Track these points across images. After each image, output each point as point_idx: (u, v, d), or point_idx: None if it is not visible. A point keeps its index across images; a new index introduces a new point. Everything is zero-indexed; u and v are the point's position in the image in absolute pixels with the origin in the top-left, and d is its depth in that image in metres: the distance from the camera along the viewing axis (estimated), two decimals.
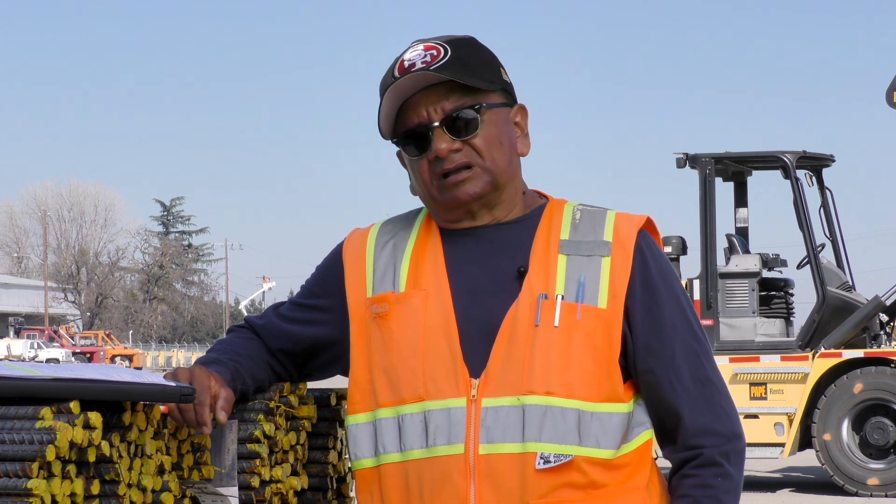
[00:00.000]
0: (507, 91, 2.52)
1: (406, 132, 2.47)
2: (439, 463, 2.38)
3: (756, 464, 15.22)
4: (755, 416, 13.30)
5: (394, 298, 2.47)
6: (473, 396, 2.38)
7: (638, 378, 2.45)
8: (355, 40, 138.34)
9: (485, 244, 2.48)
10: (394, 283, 2.48)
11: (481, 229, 2.50)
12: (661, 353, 2.44)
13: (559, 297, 2.40)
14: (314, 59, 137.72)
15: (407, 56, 2.47)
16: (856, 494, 12.98)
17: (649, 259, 2.47)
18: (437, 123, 2.44)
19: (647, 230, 2.51)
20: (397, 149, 2.54)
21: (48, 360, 55.68)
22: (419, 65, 2.44)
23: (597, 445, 2.37)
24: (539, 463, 2.35)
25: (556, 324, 2.39)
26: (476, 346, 2.40)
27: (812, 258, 13.74)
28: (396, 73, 2.45)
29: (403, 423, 2.42)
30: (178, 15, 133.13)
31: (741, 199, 15.03)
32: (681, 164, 13.89)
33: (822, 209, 14.44)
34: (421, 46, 2.48)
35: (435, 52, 2.45)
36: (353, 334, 2.51)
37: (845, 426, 13.11)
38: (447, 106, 2.45)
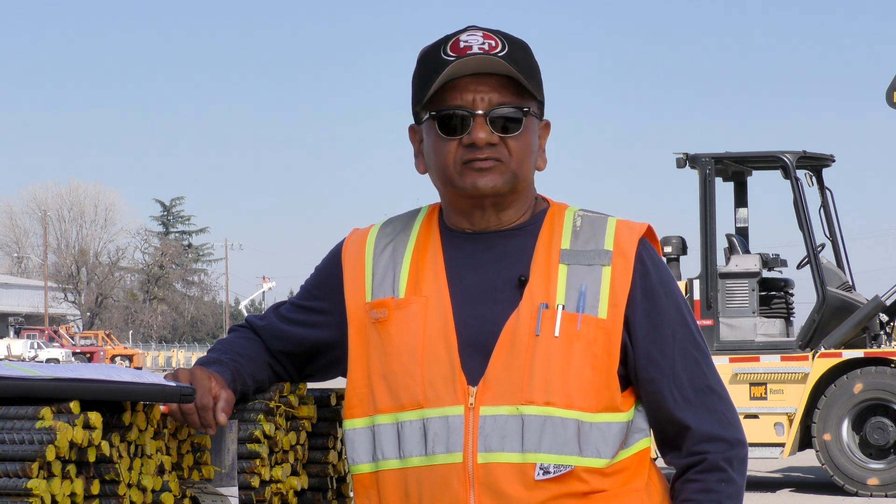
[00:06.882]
0: (542, 105, 2.51)
1: (445, 111, 2.44)
2: (438, 471, 2.38)
3: (756, 464, 15.21)
4: (755, 416, 13.29)
5: (393, 304, 2.46)
6: (471, 404, 2.37)
7: (639, 387, 2.45)
8: (355, 41, 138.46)
9: (485, 251, 2.47)
10: (393, 289, 2.47)
11: (482, 235, 2.48)
12: (662, 362, 2.43)
13: (560, 307, 2.39)
14: (314, 59, 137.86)
15: (464, 38, 2.44)
16: (856, 494, 12.98)
17: (650, 268, 2.46)
18: (480, 112, 2.42)
19: (647, 238, 2.50)
20: (412, 122, 2.51)
21: (48, 360, 55.66)
22: (476, 50, 2.41)
23: (597, 455, 2.37)
24: (538, 473, 2.35)
25: (557, 334, 2.38)
26: (475, 355, 2.39)
27: (812, 258, 13.74)
28: (450, 52, 2.42)
29: (402, 430, 2.41)
30: (178, 15, 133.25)
31: (741, 199, 15.03)
32: (681, 164, 13.89)
33: (822, 209, 14.45)
34: (479, 33, 2.45)
35: (493, 43, 2.43)
36: (352, 339, 2.50)
37: (845, 426, 13.11)
38: (495, 99, 2.42)
